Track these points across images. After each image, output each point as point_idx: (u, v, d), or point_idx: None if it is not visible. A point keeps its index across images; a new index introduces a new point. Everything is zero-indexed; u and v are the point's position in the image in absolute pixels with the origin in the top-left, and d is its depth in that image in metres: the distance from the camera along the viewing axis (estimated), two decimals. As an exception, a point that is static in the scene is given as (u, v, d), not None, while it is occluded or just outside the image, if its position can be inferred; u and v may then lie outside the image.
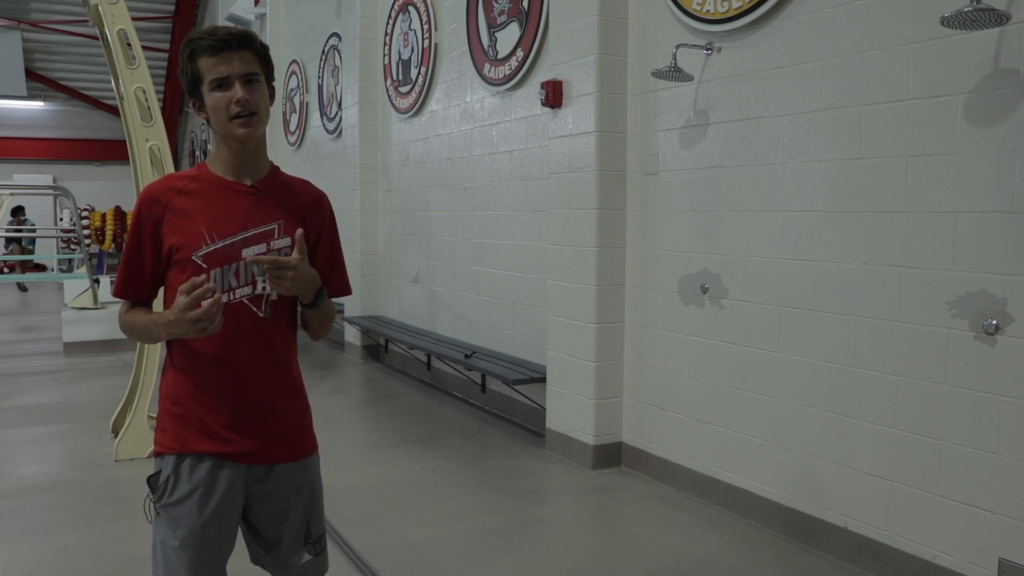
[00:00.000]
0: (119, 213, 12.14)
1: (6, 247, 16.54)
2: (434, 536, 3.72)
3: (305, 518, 2.03)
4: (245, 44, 1.84)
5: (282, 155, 11.14)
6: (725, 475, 4.01)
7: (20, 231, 15.49)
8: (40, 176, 21.30)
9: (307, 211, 2.00)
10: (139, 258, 1.89)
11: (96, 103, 21.72)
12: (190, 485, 1.89)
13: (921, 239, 3.08)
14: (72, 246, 15.80)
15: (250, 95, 1.83)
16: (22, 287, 16.26)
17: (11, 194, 13.05)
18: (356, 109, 8.13)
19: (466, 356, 5.84)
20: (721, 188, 3.98)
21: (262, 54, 1.88)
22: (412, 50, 7.26)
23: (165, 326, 1.79)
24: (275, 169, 1.99)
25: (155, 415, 3.71)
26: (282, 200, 1.96)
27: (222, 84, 1.82)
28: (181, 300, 1.73)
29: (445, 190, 6.75)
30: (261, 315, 1.91)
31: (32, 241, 17.29)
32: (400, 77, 7.53)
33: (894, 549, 3.22)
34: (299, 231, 1.85)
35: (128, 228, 1.92)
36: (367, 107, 8.09)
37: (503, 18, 5.78)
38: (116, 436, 5.01)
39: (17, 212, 16.74)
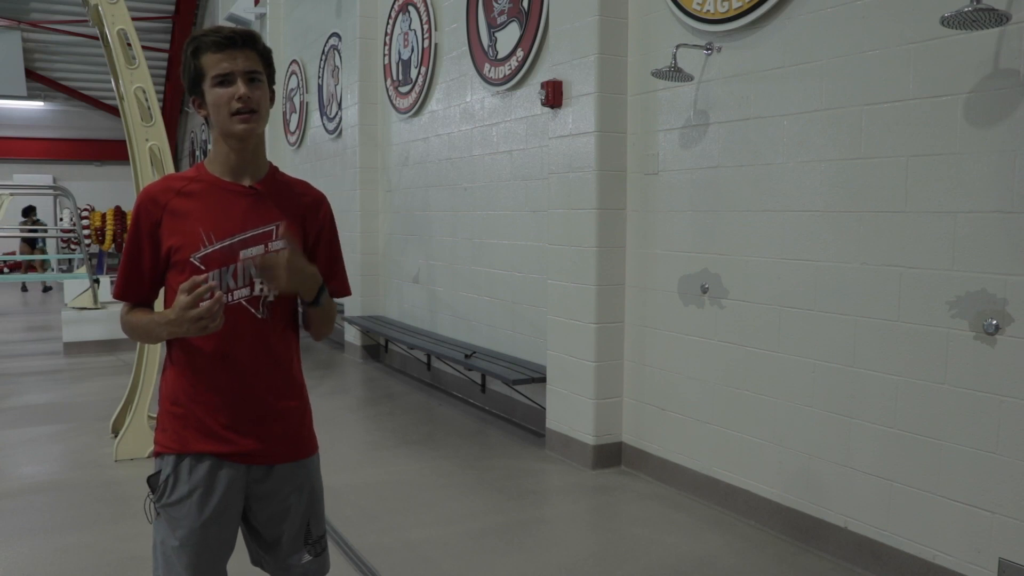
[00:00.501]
0: (119, 213, 12.12)
1: (30, 248, 16.45)
2: (434, 536, 3.72)
3: (305, 518, 2.03)
4: (249, 43, 1.85)
5: (282, 155, 11.14)
6: (725, 475, 4.01)
7: (35, 231, 15.39)
8: (40, 176, 21.30)
9: (306, 212, 2.00)
10: (138, 260, 1.89)
11: (96, 103, 21.72)
12: (189, 485, 1.89)
13: (921, 239, 3.08)
14: (72, 246, 15.77)
15: (252, 93, 1.83)
16: (45, 287, 16.13)
17: (11, 194, 13.03)
18: (356, 109, 8.13)
19: (466, 356, 5.84)
20: (721, 188, 3.98)
21: (265, 55, 1.89)
22: (412, 50, 7.26)
23: (166, 325, 1.78)
24: (274, 169, 1.99)
25: (155, 415, 3.71)
26: (281, 201, 1.95)
27: (224, 80, 1.82)
28: (182, 299, 1.73)
29: (445, 190, 6.75)
30: (259, 316, 1.90)
31: (44, 241, 17.18)
32: (400, 77, 7.53)
33: (894, 549, 3.22)
34: (282, 224, 1.84)
35: (127, 230, 1.92)
36: (367, 107, 8.09)
37: (503, 18, 5.78)
38: (116, 436, 5.01)
39: (29, 212, 16.67)
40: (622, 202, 4.59)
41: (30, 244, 16.71)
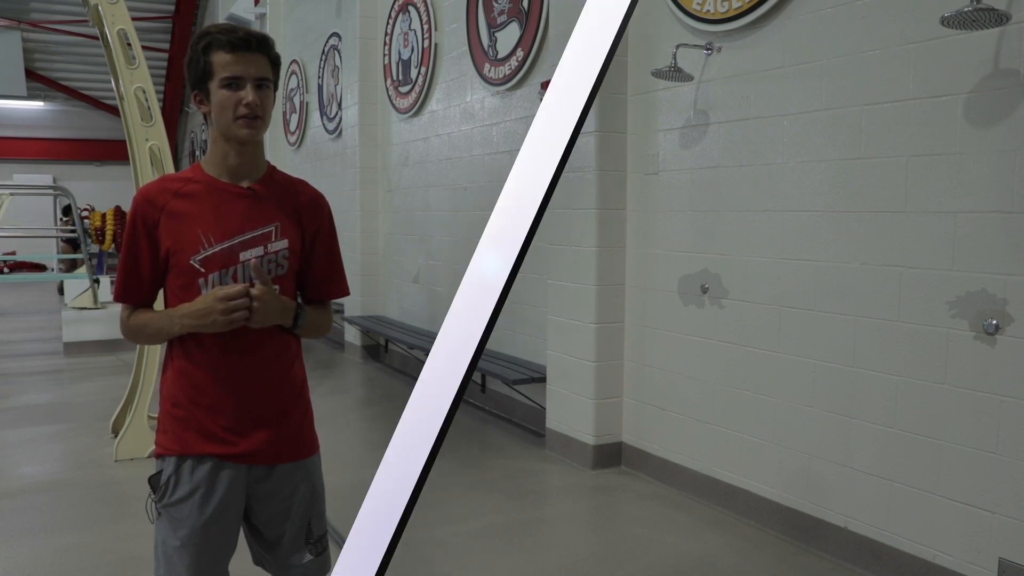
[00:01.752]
0: (119, 213, 12.11)
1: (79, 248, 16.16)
2: (434, 536, 3.72)
3: (306, 518, 2.03)
4: (263, 49, 1.85)
5: (282, 155, 11.13)
6: (725, 475, 4.01)
7: (74, 231, 15.20)
8: (40, 176, 21.29)
9: (304, 211, 2.00)
10: (137, 261, 1.89)
11: (96, 103, 21.70)
12: (191, 485, 1.89)
13: (921, 239, 3.08)
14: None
15: (260, 100, 1.83)
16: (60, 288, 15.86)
17: (11, 194, 13.02)
18: (356, 109, 8.13)
19: (466, 356, 5.83)
20: (721, 188, 3.98)
21: (275, 62, 1.90)
22: (412, 50, 7.26)
23: (183, 317, 1.80)
24: (272, 169, 1.99)
25: (155, 415, 3.70)
26: (279, 201, 1.95)
27: (233, 83, 1.81)
28: (217, 291, 1.78)
29: (445, 190, 6.75)
30: (260, 316, 1.91)
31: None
32: (400, 77, 7.53)
33: (894, 549, 3.22)
34: (254, 261, 1.86)
35: (124, 231, 1.91)
36: (367, 107, 8.09)
37: (503, 18, 5.78)
38: (116, 436, 5.01)
39: (69, 211, 16.50)
40: (622, 202, 4.59)
41: (72, 244, 16.48)
